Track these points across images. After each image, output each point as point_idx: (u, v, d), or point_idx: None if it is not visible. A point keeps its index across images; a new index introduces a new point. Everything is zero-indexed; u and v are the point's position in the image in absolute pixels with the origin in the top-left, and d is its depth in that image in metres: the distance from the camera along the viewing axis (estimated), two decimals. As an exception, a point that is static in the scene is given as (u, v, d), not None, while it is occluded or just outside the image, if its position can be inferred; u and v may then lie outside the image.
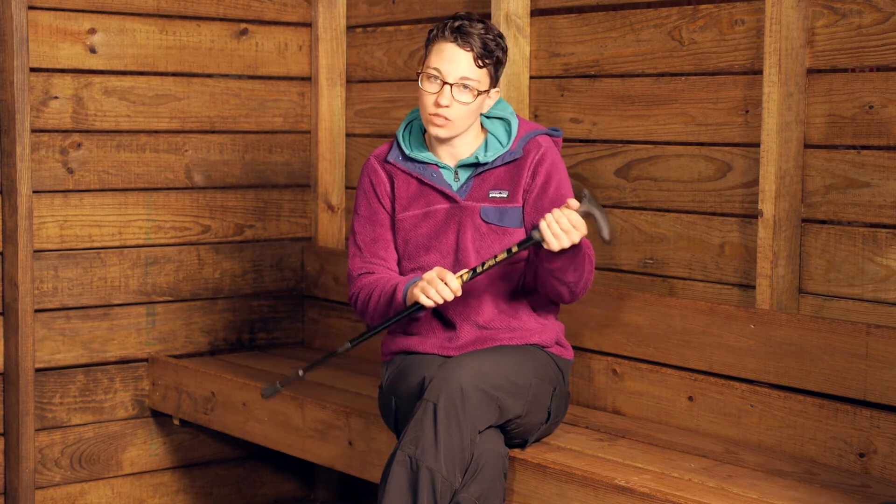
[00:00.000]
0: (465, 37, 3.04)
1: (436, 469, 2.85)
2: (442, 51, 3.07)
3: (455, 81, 3.06)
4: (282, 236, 4.60)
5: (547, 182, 3.14)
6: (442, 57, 3.06)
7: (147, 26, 4.22)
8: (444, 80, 3.06)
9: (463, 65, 3.06)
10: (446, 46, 3.06)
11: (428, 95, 3.08)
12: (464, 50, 3.05)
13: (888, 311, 3.10)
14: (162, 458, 4.37)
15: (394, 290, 3.09)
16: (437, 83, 3.07)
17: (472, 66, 3.06)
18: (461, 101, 3.07)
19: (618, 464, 3.06)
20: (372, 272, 3.22)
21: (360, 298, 3.20)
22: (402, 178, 3.21)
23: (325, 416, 3.62)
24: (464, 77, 3.06)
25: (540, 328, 3.21)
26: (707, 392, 3.35)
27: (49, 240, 4.09)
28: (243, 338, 4.53)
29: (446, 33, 3.06)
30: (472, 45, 3.05)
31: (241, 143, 4.46)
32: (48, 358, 4.11)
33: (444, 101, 3.06)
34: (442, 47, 3.07)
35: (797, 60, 3.21)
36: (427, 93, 3.08)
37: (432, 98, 3.07)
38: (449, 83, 3.05)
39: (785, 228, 3.24)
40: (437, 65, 3.06)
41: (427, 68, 3.08)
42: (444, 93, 3.06)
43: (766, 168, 3.24)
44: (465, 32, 3.04)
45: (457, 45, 3.05)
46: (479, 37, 3.05)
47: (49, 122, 4.07)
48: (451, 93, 3.06)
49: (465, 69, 3.06)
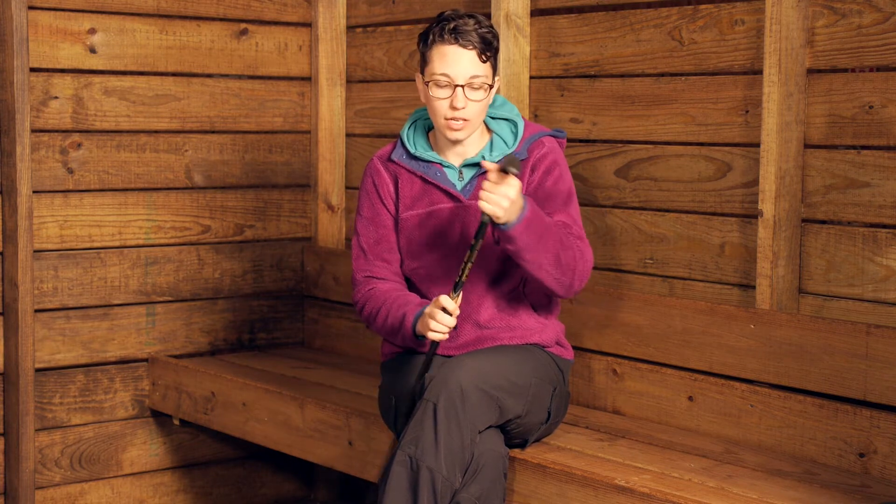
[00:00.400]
0: (465, 35, 3.04)
1: (436, 469, 2.85)
2: (445, 54, 3.06)
3: (465, 82, 3.05)
4: (282, 236, 4.60)
5: (546, 175, 3.14)
6: (446, 61, 3.05)
7: (147, 26, 4.22)
8: (454, 82, 3.05)
9: (469, 64, 3.05)
10: (448, 49, 3.05)
11: (440, 101, 3.07)
12: (466, 49, 3.05)
13: (888, 311, 3.10)
14: (162, 458, 4.37)
15: (402, 318, 3.09)
16: (448, 87, 3.06)
17: (478, 62, 3.06)
18: (475, 99, 3.06)
19: (618, 464, 3.06)
20: (377, 276, 3.21)
21: (367, 309, 3.19)
22: (406, 176, 3.21)
23: (325, 416, 3.62)
24: (473, 76, 3.05)
25: (540, 328, 3.21)
26: (707, 392, 3.35)
27: (49, 240, 4.09)
28: (243, 338, 4.53)
29: (445, 36, 3.05)
30: (472, 42, 3.04)
31: (241, 143, 4.46)
32: (48, 358, 4.12)
33: (459, 103, 3.04)
34: (444, 51, 3.06)
35: (797, 60, 3.21)
36: (439, 99, 3.07)
37: (446, 103, 3.06)
38: (460, 85, 3.05)
39: (785, 228, 3.24)
40: (444, 70, 3.05)
41: (434, 75, 3.06)
42: (457, 96, 3.04)
43: (766, 168, 3.24)
44: (462, 31, 3.04)
45: (458, 46, 3.04)
46: (476, 33, 3.05)
47: (49, 122, 4.07)
48: (463, 94, 3.05)
49: (472, 68, 3.05)
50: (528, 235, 2.94)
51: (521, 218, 2.92)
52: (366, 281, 3.23)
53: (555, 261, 3.01)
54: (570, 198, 3.17)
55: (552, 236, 2.99)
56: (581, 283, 3.09)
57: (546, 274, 3.02)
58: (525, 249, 2.96)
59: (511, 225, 2.92)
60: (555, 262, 3.01)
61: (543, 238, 2.97)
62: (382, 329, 3.17)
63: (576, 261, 3.05)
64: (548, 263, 3.00)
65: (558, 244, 3.01)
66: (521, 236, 2.94)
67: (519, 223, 2.92)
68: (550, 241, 2.99)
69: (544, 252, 2.98)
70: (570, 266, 3.04)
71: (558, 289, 3.07)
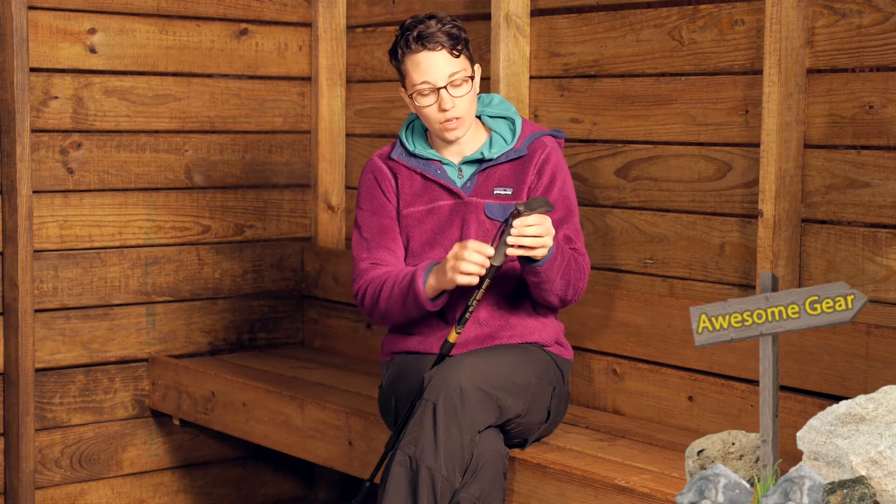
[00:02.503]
0: (430, 38, 3.07)
1: (436, 469, 2.85)
2: (418, 63, 3.09)
3: (446, 83, 3.08)
4: (282, 236, 4.60)
5: (551, 183, 3.16)
6: (421, 69, 3.08)
7: (147, 26, 4.22)
8: (436, 86, 3.08)
9: (443, 64, 3.08)
10: (419, 57, 3.08)
11: (429, 109, 3.10)
12: (436, 51, 3.08)
13: (888, 311, 3.10)
14: (162, 458, 4.37)
15: (411, 278, 3.08)
16: (432, 94, 3.09)
17: (451, 59, 3.09)
18: (459, 95, 3.09)
19: (618, 464, 3.06)
20: (382, 264, 3.20)
21: (369, 293, 3.17)
22: (406, 174, 3.22)
23: (325, 416, 3.62)
24: (451, 73, 3.08)
25: (540, 327, 3.21)
26: (707, 392, 3.35)
27: (49, 240, 4.09)
28: (243, 338, 4.53)
29: (412, 45, 3.08)
30: (440, 42, 3.07)
31: (241, 143, 4.46)
32: (48, 358, 4.12)
33: (447, 105, 3.08)
34: (416, 60, 3.09)
35: (797, 60, 3.21)
36: (427, 107, 3.10)
37: (434, 108, 3.10)
38: (442, 87, 3.07)
39: (785, 228, 3.24)
40: (422, 78, 3.08)
41: (415, 86, 3.09)
42: (443, 98, 3.08)
43: (766, 168, 3.24)
44: (427, 35, 3.07)
45: (427, 51, 3.08)
46: (440, 32, 3.08)
47: (49, 122, 4.07)
48: (448, 94, 3.08)
49: (448, 66, 3.08)
50: (553, 270, 3.03)
51: (550, 255, 3.00)
52: (370, 268, 3.21)
53: (564, 285, 3.10)
54: (573, 207, 3.22)
55: (569, 264, 3.08)
56: (576, 297, 3.17)
57: (552, 295, 3.11)
58: (546, 281, 3.05)
59: (543, 261, 3.00)
60: (564, 286, 3.10)
61: (563, 269, 3.06)
62: (388, 303, 3.13)
63: (578, 280, 3.13)
64: (558, 288, 3.09)
65: (570, 271, 3.10)
66: (547, 270, 3.03)
67: (548, 260, 3.01)
68: (566, 269, 3.08)
69: (560, 280, 3.07)
70: (575, 285, 3.13)
71: (556, 303, 3.15)
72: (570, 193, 3.20)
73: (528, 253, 2.96)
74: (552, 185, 3.16)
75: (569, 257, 3.08)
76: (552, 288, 3.07)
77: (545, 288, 3.07)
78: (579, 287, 3.14)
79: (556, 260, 3.02)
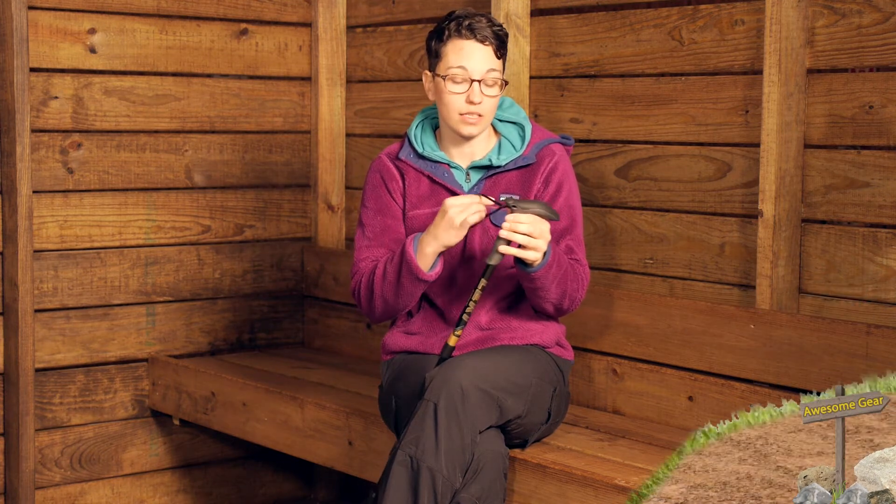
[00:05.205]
0: (481, 31, 3.06)
1: (436, 469, 2.85)
2: (461, 48, 3.07)
3: (481, 77, 3.06)
4: (282, 236, 4.60)
5: (557, 191, 3.15)
6: (463, 55, 3.06)
7: (147, 26, 4.22)
8: (471, 77, 3.06)
9: (486, 59, 3.07)
10: (465, 44, 3.07)
11: (456, 96, 3.08)
12: (483, 45, 3.07)
13: (888, 311, 3.10)
14: (162, 458, 4.37)
15: (401, 252, 3.05)
16: (464, 83, 3.07)
17: (494, 58, 3.08)
18: (490, 94, 3.08)
19: (618, 464, 3.06)
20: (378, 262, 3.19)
21: (364, 283, 3.15)
22: (413, 175, 3.21)
23: (325, 416, 3.62)
24: (490, 69, 3.07)
25: (541, 328, 3.21)
26: (707, 392, 3.35)
27: (49, 240, 4.09)
28: (243, 338, 4.53)
29: (462, 31, 3.06)
30: (489, 38, 3.07)
31: (241, 143, 4.46)
32: (48, 358, 4.12)
33: (476, 98, 3.06)
34: (460, 45, 3.07)
35: (797, 60, 3.21)
36: (454, 94, 3.08)
37: (461, 98, 3.07)
38: (476, 80, 3.06)
39: (785, 228, 3.24)
40: (460, 62, 3.06)
41: (450, 69, 3.07)
42: (474, 90, 3.06)
43: (766, 168, 3.24)
44: (478, 28, 3.06)
45: (476, 41, 3.06)
46: (490, 29, 3.07)
47: (49, 122, 4.07)
48: (480, 89, 3.06)
49: (489, 62, 3.07)
50: (548, 278, 3.02)
51: (546, 261, 2.99)
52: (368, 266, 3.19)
53: (561, 294, 3.08)
54: (577, 217, 3.20)
55: (566, 274, 3.07)
56: (573, 307, 3.15)
57: (546, 302, 3.10)
58: (542, 288, 3.04)
59: (537, 267, 2.99)
60: (560, 295, 3.08)
61: (559, 278, 3.05)
62: (383, 285, 3.10)
63: (575, 291, 3.12)
64: (554, 296, 3.08)
65: (567, 281, 3.08)
66: (542, 277, 3.01)
67: (543, 266, 2.99)
68: (563, 278, 3.06)
69: (557, 288, 3.06)
70: (571, 295, 3.12)
71: (550, 310, 3.15)
72: (575, 203, 3.19)
73: (520, 253, 2.94)
74: (558, 194, 3.15)
75: (566, 267, 3.07)
76: (547, 295, 3.07)
77: (540, 295, 3.07)
78: (576, 297, 3.12)
79: (552, 268, 3.01)
